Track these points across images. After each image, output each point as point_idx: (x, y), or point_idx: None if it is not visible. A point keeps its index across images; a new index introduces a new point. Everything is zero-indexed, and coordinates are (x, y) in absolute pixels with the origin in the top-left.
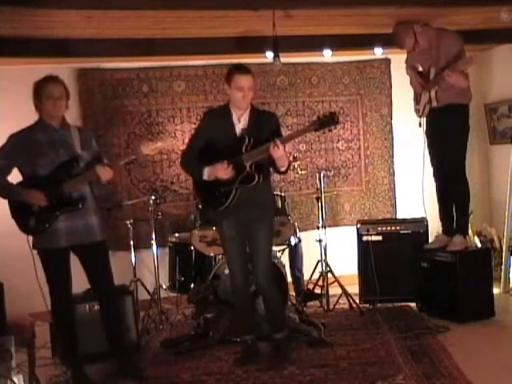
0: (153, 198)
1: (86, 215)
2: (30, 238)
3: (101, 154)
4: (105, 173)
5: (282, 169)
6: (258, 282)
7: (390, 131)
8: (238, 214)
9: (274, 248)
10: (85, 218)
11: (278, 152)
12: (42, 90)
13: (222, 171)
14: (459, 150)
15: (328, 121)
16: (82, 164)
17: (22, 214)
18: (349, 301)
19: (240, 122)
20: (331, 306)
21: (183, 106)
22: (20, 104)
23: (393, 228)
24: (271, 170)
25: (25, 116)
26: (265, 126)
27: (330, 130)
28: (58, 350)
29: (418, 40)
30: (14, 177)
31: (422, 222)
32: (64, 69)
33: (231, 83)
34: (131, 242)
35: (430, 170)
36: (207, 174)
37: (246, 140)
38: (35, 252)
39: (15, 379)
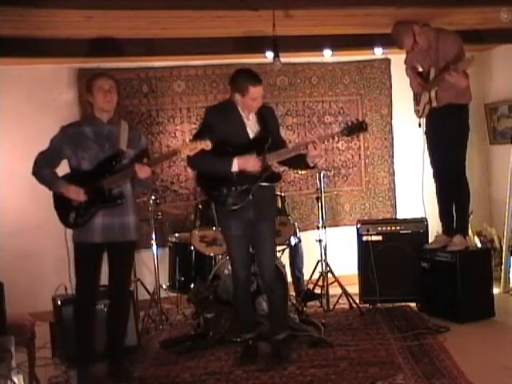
0: (153, 198)
1: (124, 213)
2: (65, 230)
3: (146, 152)
4: (142, 171)
5: (312, 164)
6: (265, 281)
7: (390, 131)
8: (247, 213)
9: None
10: (122, 217)
11: (317, 150)
12: (93, 83)
13: (252, 163)
14: (459, 151)
15: (357, 127)
16: (126, 161)
17: (63, 207)
18: (349, 301)
19: (249, 119)
20: (331, 306)
21: (183, 106)
22: (20, 104)
23: (393, 228)
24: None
25: (25, 116)
26: (269, 123)
27: (357, 136)
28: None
29: (417, 40)
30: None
31: (422, 222)
32: (64, 69)
33: (245, 94)
34: None
35: (429, 170)
36: (238, 164)
37: (269, 140)
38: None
39: (15, 379)
